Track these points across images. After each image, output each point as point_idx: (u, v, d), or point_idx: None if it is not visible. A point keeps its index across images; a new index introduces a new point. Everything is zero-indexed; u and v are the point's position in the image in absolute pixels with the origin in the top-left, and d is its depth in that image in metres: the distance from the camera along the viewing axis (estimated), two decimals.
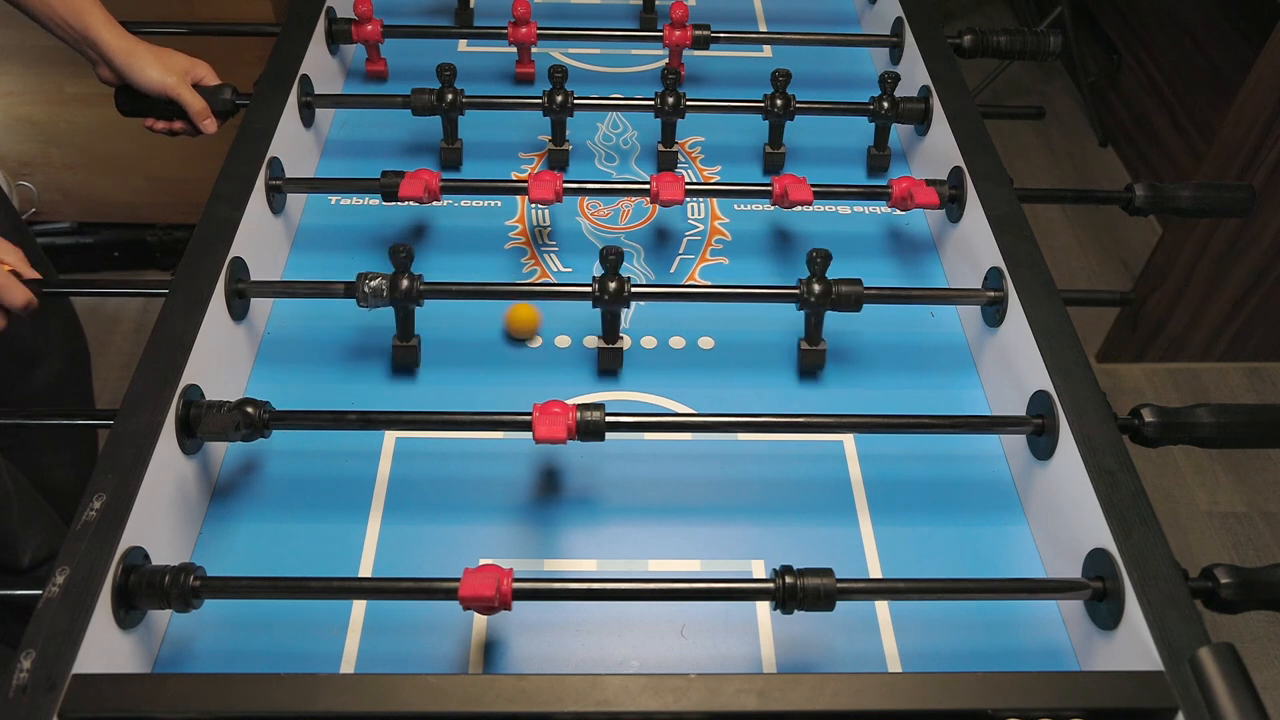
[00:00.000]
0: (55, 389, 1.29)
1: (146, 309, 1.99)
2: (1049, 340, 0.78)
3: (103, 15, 0.95)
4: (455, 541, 0.74)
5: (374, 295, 0.80)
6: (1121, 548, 0.65)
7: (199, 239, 0.83)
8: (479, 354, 0.88)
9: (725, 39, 1.14)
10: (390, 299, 0.80)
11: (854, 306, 0.82)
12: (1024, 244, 0.86)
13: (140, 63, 0.96)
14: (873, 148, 1.08)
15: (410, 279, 0.80)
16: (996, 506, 0.79)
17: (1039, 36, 1.11)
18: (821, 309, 0.82)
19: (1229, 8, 2.11)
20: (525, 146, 1.10)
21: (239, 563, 0.72)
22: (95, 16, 0.95)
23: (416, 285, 0.80)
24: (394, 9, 1.25)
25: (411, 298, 0.81)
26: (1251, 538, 1.78)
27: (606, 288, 0.81)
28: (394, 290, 0.80)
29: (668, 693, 0.56)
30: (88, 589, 0.59)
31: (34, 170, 1.92)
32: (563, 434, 0.70)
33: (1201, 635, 0.60)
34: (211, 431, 0.71)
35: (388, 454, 0.80)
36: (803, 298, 0.81)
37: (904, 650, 0.69)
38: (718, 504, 0.78)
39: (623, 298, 0.81)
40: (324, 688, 0.56)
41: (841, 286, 0.81)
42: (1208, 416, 0.75)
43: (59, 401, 1.28)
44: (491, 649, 0.68)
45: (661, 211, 1.03)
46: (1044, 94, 2.73)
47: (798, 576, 0.63)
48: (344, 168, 1.06)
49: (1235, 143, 1.67)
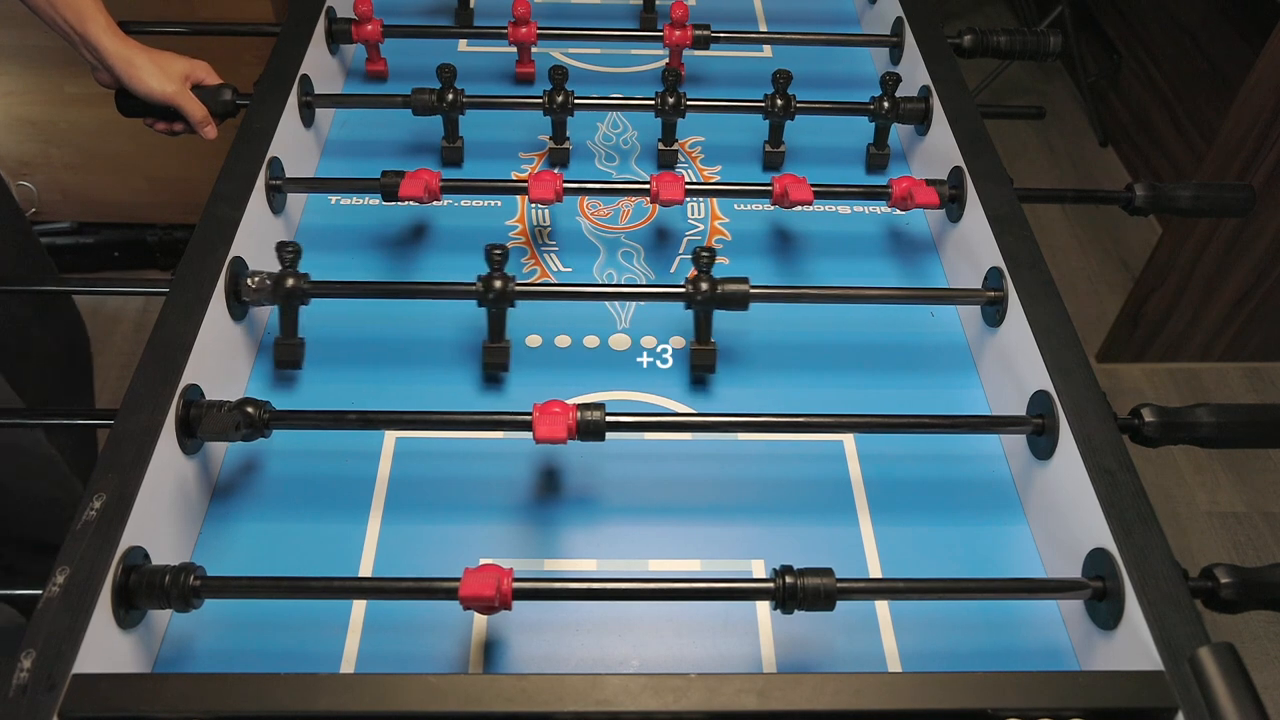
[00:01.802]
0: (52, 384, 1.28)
1: (146, 309, 1.99)
2: (1049, 340, 0.78)
3: (104, 20, 0.95)
4: (455, 541, 0.74)
5: (258, 291, 0.81)
6: (1121, 548, 0.65)
7: (199, 239, 0.83)
8: (479, 354, 0.88)
9: (725, 39, 1.14)
10: (274, 297, 0.81)
11: (741, 306, 0.81)
12: (1024, 244, 0.86)
13: (140, 71, 0.96)
14: (872, 146, 1.08)
15: (295, 278, 0.80)
16: (996, 506, 0.79)
17: (1039, 36, 1.11)
18: (710, 308, 0.82)
19: (1229, 8, 2.11)
20: (525, 146, 1.10)
21: (239, 563, 0.72)
22: (97, 21, 0.94)
23: (301, 284, 0.80)
24: (394, 9, 1.25)
25: (296, 296, 0.81)
26: (1251, 538, 1.78)
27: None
28: (278, 288, 0.80)
29: (668, 693, 0.56)
30: (88, 589, 0.59)
31: (34, 170, 1.92)
32: (563, 434, 0.70)
33: (1201, 635, 0.60)
34: (211, 431, 0.71)
35: (388, 454, 0.80)
36: (689, 295, 0.81)
37: (904, 650, 0.69)
38: (718, 504, 0.78)
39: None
40: (324, 688, 0.56)
41: (728, 285, 0.80)
42: (1208, 416, 0.75)
43: (55, 397, 1.28)
44: (491, 649, 0.68)
45: (661, 211, 1.03)
46: (1044, 94, 2.73)
47: (798, 576, 0.63)
48: (344, 168, 1.07)
49: (1235, 143, 1.67)
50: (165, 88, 0.97)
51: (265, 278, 0.81)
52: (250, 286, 0.81)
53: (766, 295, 0.84)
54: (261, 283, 0.80)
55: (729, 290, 0.80)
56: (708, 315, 0.83)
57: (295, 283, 0.80)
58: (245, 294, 0.81)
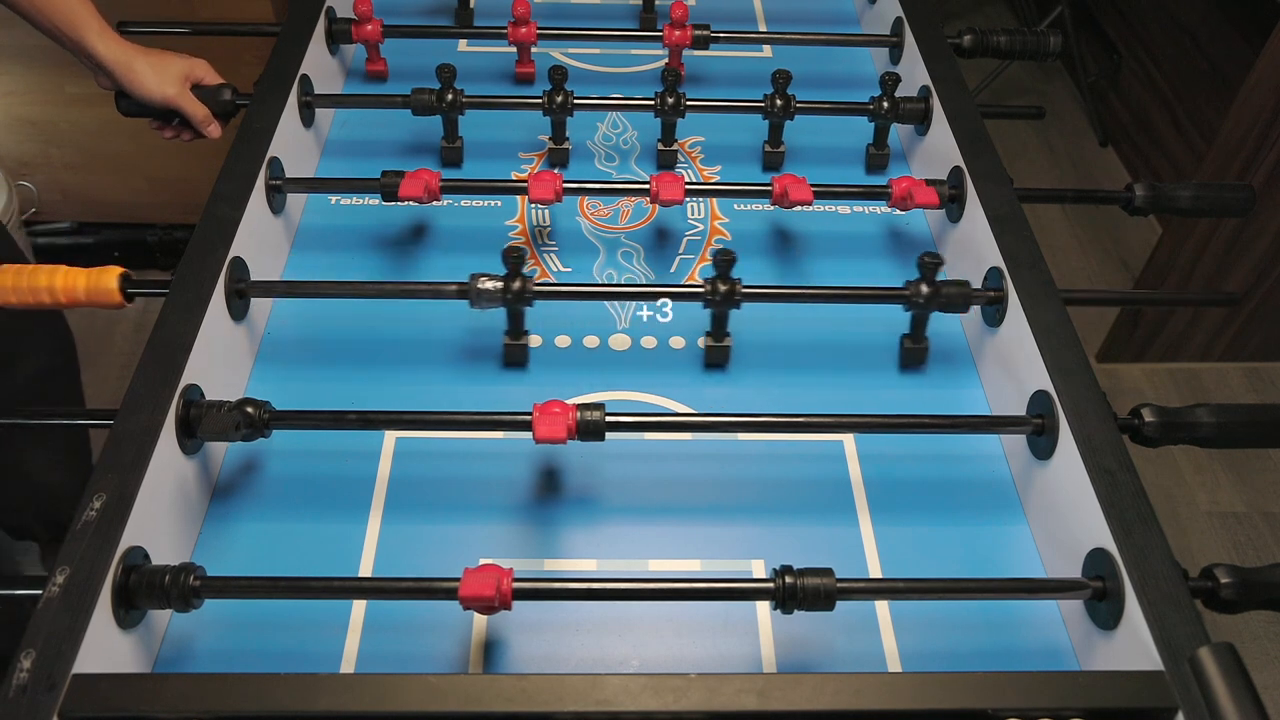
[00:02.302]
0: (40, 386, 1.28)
1: (146, 309, 1.99)
2: (1049, 340, 0.78)
3: (98, 25, 0.93)
4: (455, 541, 0.74)
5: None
6: (1121, 548, 0.65)
7: (199, 239, 0.83)
8: (479, 354, 0.88)
9: (725, 39, 1.14)
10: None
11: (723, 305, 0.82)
12: (1024, 244, 0.86)
13: (138, 76, 0.95)
14: (871, 146, 1.08)
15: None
16: (996, 506, 0.79)
17: (1039, 36, 1.11)
18: (726, 307, 0.83)
19: (1229, 8, 2.11)
20: (525, 146, 1.10)
21: (239, 563, 0.72)
22: (90, 27, 0.93)
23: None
24: (394, 9, 1.25)
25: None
26: (1251, 538, 1.78)
27: (717, 289, 0.81)
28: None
29: (668, 693, 0.56)
30: (88, 589, 0.59)
31: (34, 170, 1.92)
32: (563, 434, 0.70)
33: (1201, 635, 0.60)
34: (211, 431, 0.71)
35: (388, 454, 0.80)
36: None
37: (904, 650, 0.69)
38: (718, 504, 0.78)
39: (734, 299, 0.81)
40: (324, 688, 0.56)
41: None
42: (1208, 416, 0.75)
43: (44, 399, 1.28)
44: (491, 649, 0.68)
45: (661, 211, 1.03)
46: (1044, 94, 2.73)
47: (798, 576, 0.63)
48: (344, 168, 1.06)
49: (1235, 143, 1.67)
50: (164, 90, 0.96)
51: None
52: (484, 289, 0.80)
53: (767, 295, 0.84)
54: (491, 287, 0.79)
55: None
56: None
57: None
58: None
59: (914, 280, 0.82)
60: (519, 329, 0.85)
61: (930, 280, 0.81)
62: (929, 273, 0.81)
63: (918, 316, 0.85)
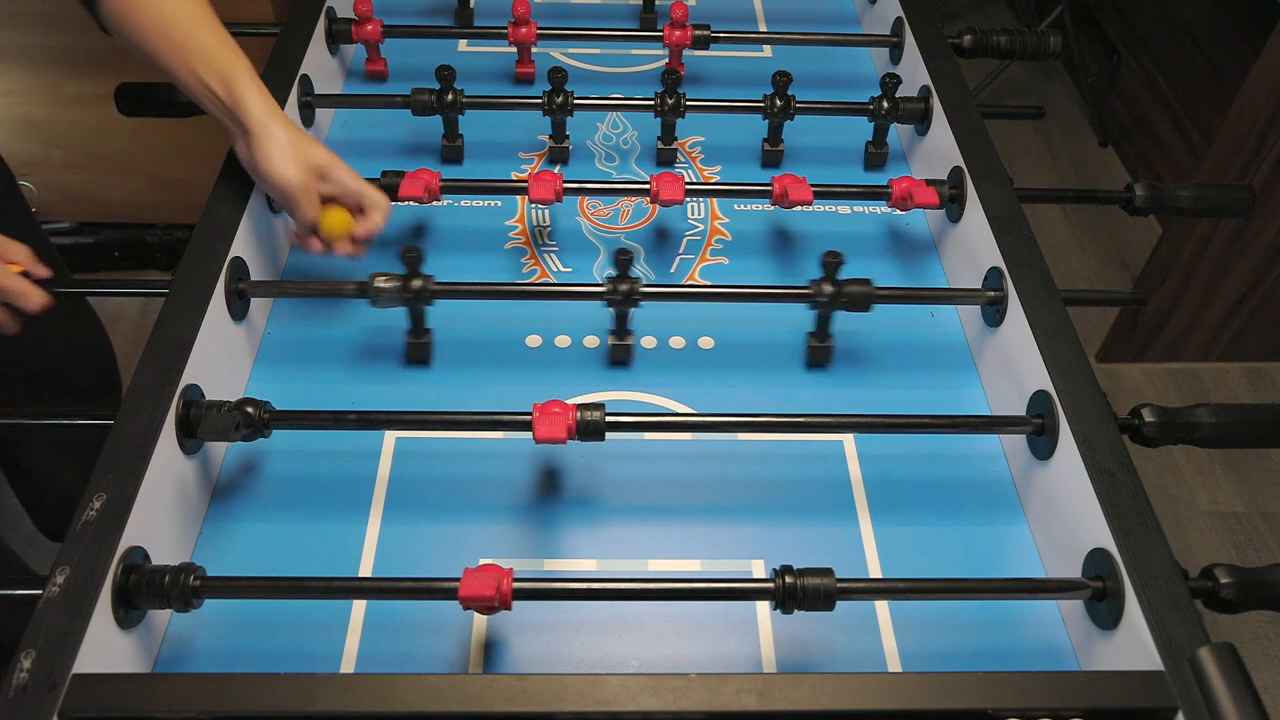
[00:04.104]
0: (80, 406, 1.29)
1: (146, 309, 1.99)
2: (1049, 340, 0.78)
3: (251, 83, 0.81)
4: (455, 541, 0.74)
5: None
6: (1121, 548, 0.65)
7: (199, 239, 0.83)
8: (479, 354, 0.88)
9: (725, 39, 1.14)
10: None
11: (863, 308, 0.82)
12: (1024, 244, 0.86)
13: (267, 147, 0.80)
14: (870, 145, 1.08)
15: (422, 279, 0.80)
16: (996, 506, 0.79)
17: (1039, 36, 1.11)
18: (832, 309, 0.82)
19: (1229, 8, 2.11)
20: (525, 146, 1.10)
21: (239, 563, 0.72)
22: (243, 82, 0.80)
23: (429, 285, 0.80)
24: (394, 9, 1.25)
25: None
26: (1251, 538, 1.78)
27: (618, 289, 0.81)
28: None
29: (668, 693, 0.56)
30: (88, 589, 0.59)
31: (34, 170, 1.92)
32: (563, 434, 0.70)
33: (1201, 635, 0.60)
34: (211, 431, 0.71)
35: (388, 454, 0.80)
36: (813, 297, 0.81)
37: (904, 650, 0.69)
38: (718, 504, 0.78)
39: (633, 298, 0.82)
40: (324, 688, 0.56)
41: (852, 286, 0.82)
42: (1208, 416, 0.75)
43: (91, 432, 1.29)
44: (491, 649, 0.68)
45: (661, 211, 1.03)
46: (1044, 94, 2.73)
47: (798, 576, 0.63)
48: None
49: (1235, 143, 1.67)
50: (287, 173, 0.81)
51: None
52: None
53: (767, 295, 0.84)
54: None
55: (854, 292, 0.82)
56: (828, 315, 0.86)
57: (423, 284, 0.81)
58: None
59: (817, 279, 0.83)
60: (421, 327, 0.86)
61: (832, 279, 0.82)
62: (831, 272, 0.82)
63: (822, 315, 0.86)
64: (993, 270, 0.86)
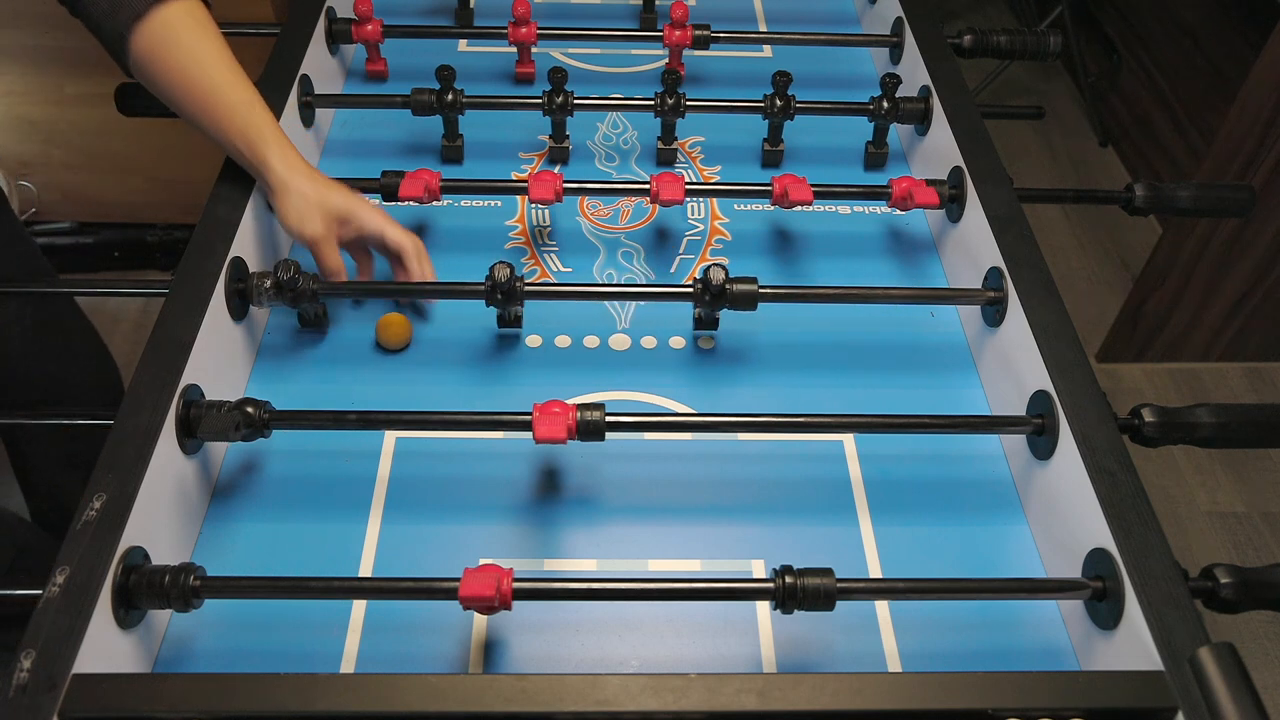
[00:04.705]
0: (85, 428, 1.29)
1: (146, 309, 1.99)
2: (1049, 340, 0.78)
3: (272, 138, 0.84)
4: (455, 541, 0.74)
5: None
6: (1121, 548, 0.65)
7: (199, 239, 0.83)
8: (479, 354, 0.88)
9: (725, 39, 1.14)
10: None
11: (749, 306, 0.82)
12: (1024, 244, 0.86)
13: (285, 204, 0.83)
14: (870, 144, 1.08)
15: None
16: (996, 506, 0.79)
17: (1039, 36, 1.11)
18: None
19: (1229, 8, 2.11)
20: (525, 146, 1.10)
21: (239, 563, 0.72)
22: (265, 139, 0.83)
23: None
24: (394, 9, 1.25)
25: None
26: (1251, 538, 1.78)
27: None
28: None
29: (668, 693, 0.56)
30: (87, 589, 0.59)
31: (34, 170, 1.92)
32: (563, 434, 0.70)
33: (1201, 635, 0.60)
34: (211, 431, 0.71)
35: (388, 454, 0.80)
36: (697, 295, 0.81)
37: (904, 650, 0.69)
38: (718, 504, 0.78)
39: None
40: (324, 688, 0.56)
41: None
42: (1208, 416, 0.75)
43: (90, 435, 1.29)
44: (491, 649, 0.68)
45: (661, 211, 1.03)
46: (1044, 94, 2.73)
47: (798, 576, 0.63)
48: (344, 168, 1.06)
49: (1235, 143, 1.67)
50: (303, 228, 0.84)
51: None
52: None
53: (767, 295, 0.84)
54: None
55: (737, 291, 0.81)
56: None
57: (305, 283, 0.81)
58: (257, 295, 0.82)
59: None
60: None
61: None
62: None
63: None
64: (993, 270, 0.86)
